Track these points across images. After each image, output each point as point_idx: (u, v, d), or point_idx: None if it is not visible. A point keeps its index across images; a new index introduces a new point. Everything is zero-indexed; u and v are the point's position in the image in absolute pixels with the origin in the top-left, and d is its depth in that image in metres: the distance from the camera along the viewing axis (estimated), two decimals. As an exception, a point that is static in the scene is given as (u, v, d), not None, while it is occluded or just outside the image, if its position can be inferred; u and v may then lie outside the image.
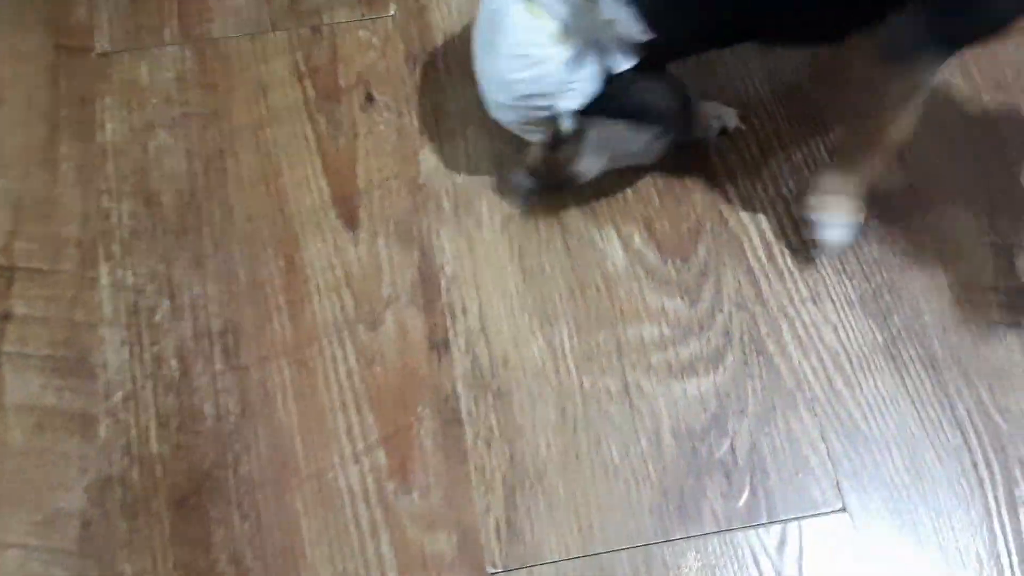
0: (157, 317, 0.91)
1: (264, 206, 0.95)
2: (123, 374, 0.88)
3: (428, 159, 0.97)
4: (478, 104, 0.93)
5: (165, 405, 0.87)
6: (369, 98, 1.00)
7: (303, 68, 1.01)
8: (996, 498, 0.84)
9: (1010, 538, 0.83)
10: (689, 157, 0.97)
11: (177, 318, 0.91)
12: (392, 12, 1.05)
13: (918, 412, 0.88)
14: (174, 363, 0.89)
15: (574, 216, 0.95)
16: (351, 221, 0.94)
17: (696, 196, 0.97)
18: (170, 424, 0.87)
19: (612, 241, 0.94)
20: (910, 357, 0.90)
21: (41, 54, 1.01)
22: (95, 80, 1.00)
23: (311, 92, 1.00)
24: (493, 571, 0.81)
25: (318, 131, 0.98)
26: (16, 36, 1.02)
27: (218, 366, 0.88)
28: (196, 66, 1.01)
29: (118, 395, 0.88)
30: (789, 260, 0.94)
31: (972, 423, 0.87)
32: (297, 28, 1.04)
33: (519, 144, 0.92)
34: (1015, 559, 0.82)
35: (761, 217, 0.96)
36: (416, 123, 0.99)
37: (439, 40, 1.04)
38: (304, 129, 0.99)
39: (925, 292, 0.93)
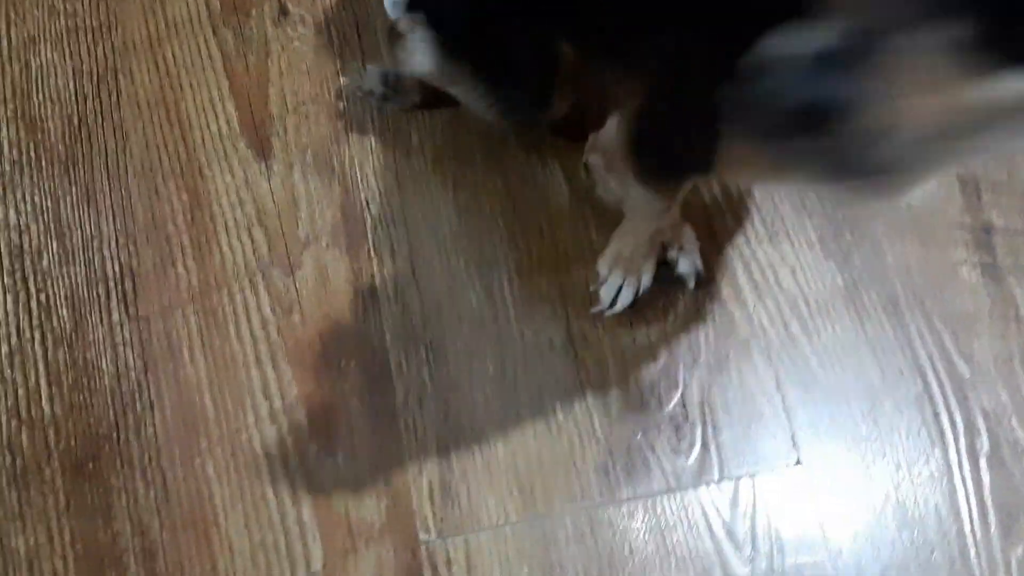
0: (44, 261, 0.81)
1: (163, 134, 0.84)
2: (7, 327, 0.79)
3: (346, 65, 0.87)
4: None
5: (56, 360, 0.78)
6: (283, 10, 0.89)
7: (205, -28, 0.90)
8: (957, 450, 0.80)
9: (971, 491, 0.79)
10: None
11: (67, 262, 0.81)
12: (308, -90, 0.93)
13: (878, 359, 0.83)
14: (65, 312, 0.79)
15: (515, 148, 0.86)
16: (263, 151, 0.84)
17: (646, 124, 0.89)
18: (63, 382, 0.78)
19: (556, 176, 0.86)
20: (871, 300, 0.85)
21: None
22: (-36, -14, 0.87)
23: (215, 2, 0.89)
24: (426, 538, 0.75)
25: (224, 48, 0.88)
26: None
27: (115, 316, 0.79)
28: (84, -29, 0.89)
29: (2, 349, 0.78)
30: (745, 196, 0.87)
31: (934, 370, 0.82)
32: (200, -76, 0.91)
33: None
34: (975, 513, 0.78)
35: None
36: (336, 39, 0.89)
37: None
38: (208, 45, 0.88)
39: (888, 231, 0.87)
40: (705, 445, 0.79)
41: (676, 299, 0.83)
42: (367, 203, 0.83)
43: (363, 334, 0.80)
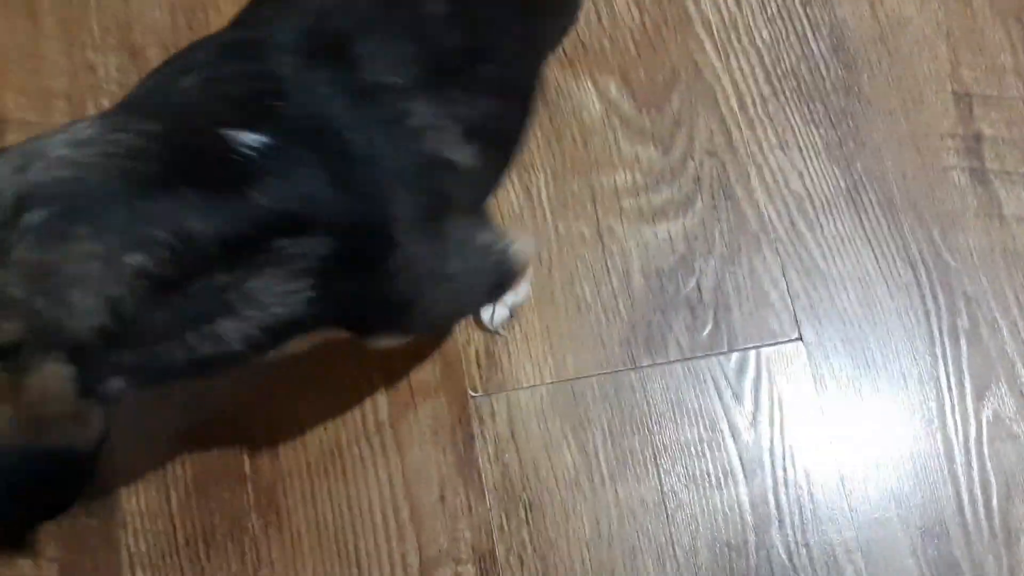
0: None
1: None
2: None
3: None
4: None
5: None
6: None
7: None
8: (940, 328, 0.91)
9: (950, 363, 0.90)
10: (665, 7, 1.00)
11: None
12: None
13: (874, 251, 0.93)
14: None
15: (552, 67, 0.98)
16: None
17: (672, 46, 1.00)
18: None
19: (588, 91, 0.98)
20: (870, 201, 0.95)
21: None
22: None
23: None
24: (474, 395, 0.88)
25: None
26: None
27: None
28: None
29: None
30: (760, 109, 0.98)
31: (923, 261, 0.93)
32: None
33: None
34: (952, 380, 0.89)
35: (735, 67, 0.99)
36: None
37: None
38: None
39: (887, 140, 0.97)
40: (716, 323, 0.91)
41: (695, 199, 0.95)
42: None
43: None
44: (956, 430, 0.88)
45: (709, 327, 0.91)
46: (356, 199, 0.57)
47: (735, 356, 0.90)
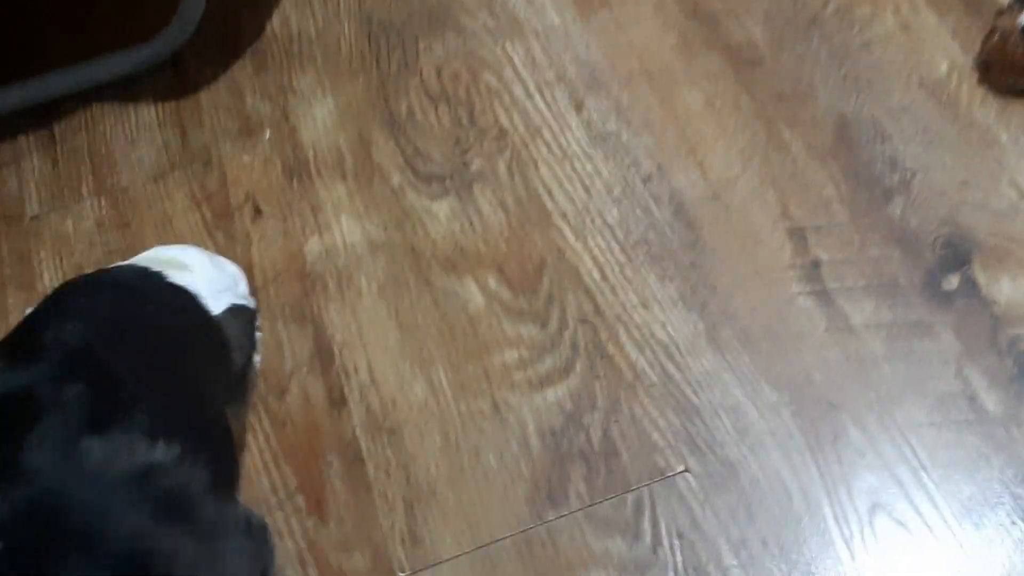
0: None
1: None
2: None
3: (312, 250, 1.17)
4: (347, 197, 1.14)
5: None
6: (257, 211, 1.20)
7: (199, 196, 1.22)
8: (814, 439, 1.00)
9: (831, 469, 0.99)
10: (526, 207, 1.16)
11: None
12: (268, 135, 1.25)
13: (739, 380, 1.05)
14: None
15: (437, 273, 1.14)
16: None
17: (536, 237, 1.15)
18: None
19: (471, 288, 1.13)
20: (728, 336, 1.07)
21: (-16, 226, 1.22)
22: (30, 239, 1.20)
23: (208, 215, 1.20)
24: (402, 574, 0.98)
25: (218, 245, 1.18)
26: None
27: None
28: (112, 212, 1.21)
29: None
30: (619, 275, 1.12)
31: (787, 381, 1.04)
32: (191, 165, 1.24)
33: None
34: (839, 487, 0.98)
35: (592, 245, 1.14)
36: (298, 223, 1.19)
37: (310, 151, 1.24)
38: (206, 245, 1.18)
39: (734, 281, 1.11)
40: (609, 469, 1.01)
41: (575, 363, 1.07)
42: (333, 336, 1.11)
43: (339, 432, 1.05)
44: (847, 532, 0.95)
45: (603, 474, 1.01)
46: None
47: (630, 496, 1.00)
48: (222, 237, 1.18)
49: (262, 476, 1.04)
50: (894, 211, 1.13)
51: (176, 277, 0.84)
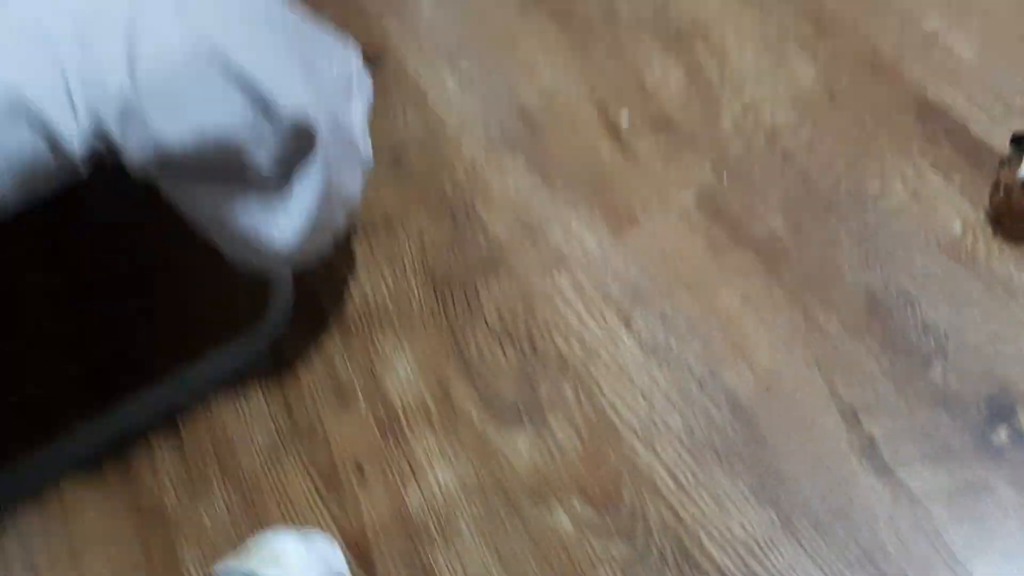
0: None
1: None
2: None
3: (413, 501, 1.30)
4: (436, 445, 1.28)
5: None
6: (361, 472, 1.34)
7: (310, 468, 1.36)
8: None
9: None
10: (596, 426, 1.28)
11: None
12: (361, 401, 1.41)
13: (818, 566, 1.12)
14: None
15: (526, 505, 1.25)
16: (368, 566, 1.25)
17: (609, 452, 1.26)
18: None
19: (559, 514, 1.23)
20: (803, 525, 1.15)
21: (131, 530, 1.39)
22: (170, 528, 1.36)
23: (319, 483, 1.34)
24: None
25: (332, 512, 1.31)
26: (110, 526, 1.41)
27: None
28: (237, 494, 1.37)
29: None
30: (692, 481, 1.22)
31: (862, 560, 1.10)
32: (299, 441, 1.39)
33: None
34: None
35: (662, 454, 1.24)
36: (397, 477, 1.32)
37: (398, 406, 1.38)
38: (321, 513, 1.32)
39: (799, 469, 1.19)
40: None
41: (665, 573, 1.16)
42: (440, 570, 1.23)
43: None
44: None
45: None
46: None
47: None
48: (335, 505, 1.32)
49: None
50: (935, 375, 1.20)
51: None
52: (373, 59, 1.57)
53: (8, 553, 1.41)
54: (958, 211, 1.33)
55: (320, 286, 1.54)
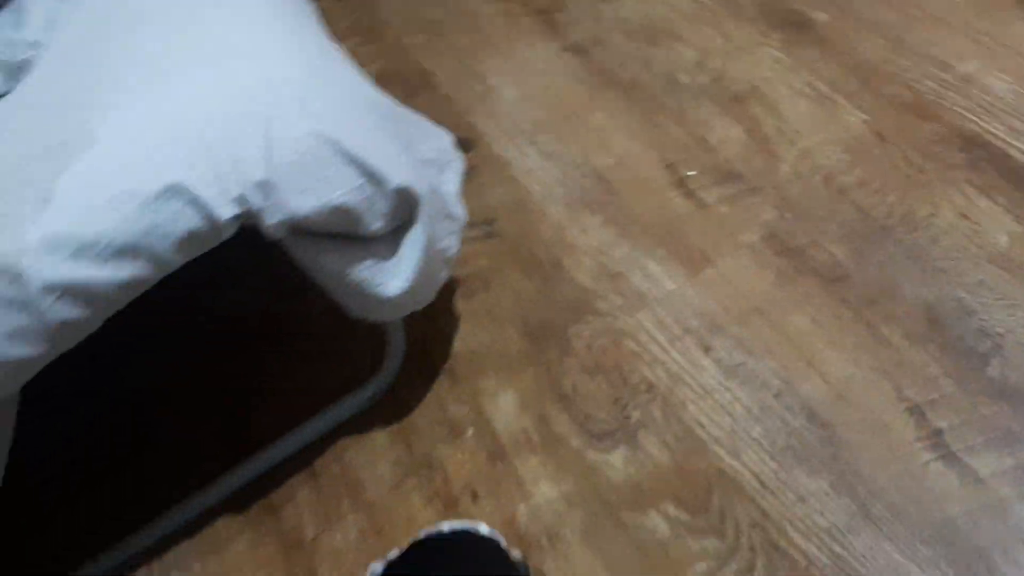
0: None
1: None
2: None
3: (522, 517, 1.44)
4: (540, 466, 1.43)
5: None
6: (475, 496, 1.50)
7: (430, 494, 1.53)
8: (971, 584, 1.15)
9: None
10: (685, 441, 1.42)
11: None
12: (470, 433, 1.58)
13: (897, 546, 1.22)
14: None
15: (625, 513, 1.38)
16: None
17: (698, 463, 1.39)
18: None
19: (655, 519, 1.36)
20: (879, 511, 1.26)
21: (277, 557, 1.57)
22: (313, 557, 1.53)
23: (440, 507, 1.51)
24: None
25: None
26: (258, 553, 1.59)
27: None
28: (367, 522, 1.54)
29: None
30: (775, 481, 1.34)
31: (939, 540, 1.20)
32: (419, 471, 1.56)
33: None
34: (1003, 622, 1.12)
35: (746, 461, 1.37)
36: (507, 497, 1.48)
37: (504, 437, 1.55)
38: (443, 531, 1.48)
39: (873, 463, 1.30)
40: (808, 648, 1.18)
41: (755, 562, 1.27)
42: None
43: (577, 662, 1.27)
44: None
45: (802, 653, 1.18)
46: None
47: (830, 668, 1.16)
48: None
49: None
50: (993, 372, 1.31)
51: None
52: (463, 145, 1.80)
53: (169, 584, 1.60)
54: (1003, 226, 1.45)
55: (429, 337, 1.73)
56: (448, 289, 1.79)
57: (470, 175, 1.93)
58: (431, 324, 1.76)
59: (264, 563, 1.56)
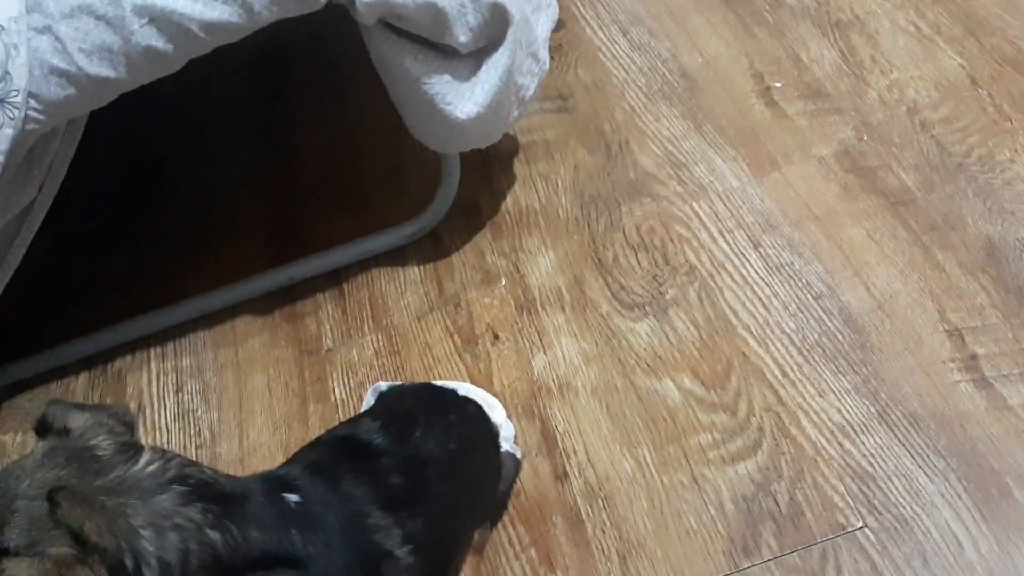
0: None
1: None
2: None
3: (538, 364, 1.44)
4: (565, 324, 1.43)
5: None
6: (495, 337, 1.50)
7: (451, 329, 1.54)
8: (980, 495, 1.13)
9: (994, 523, 1.11)
10: (714, 323, 1.40)
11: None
12: (503, 283, 1.58)
13: (909, 452, 1.19)
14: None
15: (640, 377, 1.38)
16: (494, 411, 1.40)
17: (724, 346, 1.38)
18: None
19: (669, 387, 1.35)
20: (898, 418, 1.23)
21: (291, 358, 1.59)
22: (326, 365, 1.55)
23: (458, 342, 1.51)
24: (618, 613, 1.16)
25: (466, 364, 1.48)
26: (272, 352, 1.60)
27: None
28: (386, 344, 1.55)
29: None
30: (798, 373, 1.32)
31: (952, 452, 1.18)
32: (445, 307, 1.57)
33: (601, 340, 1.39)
34: (1008, 539, 1.09)
35: (773, 350, 1.35)
36: (527, 344, 1.47)
37: (535, 292, 1.54)
38: (457, 365, 1.48)
39: (901, 373, 1.28)
40: (796, 526, 1.17)
41: (761, 442, 1.26)
42: (555, 426, 1.35)
43: (562, 500, 1.27)
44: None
45: (790, 531, 1.17)
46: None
47: (815, 549, 1.15)
48: (469, 358, 1.49)
49: (501, 534, 1.27)
50: (1044, 311, 1.28)
51: (491, 415, 1.19)
52: (556, 24, 1.79)
53: (181, 363, 1.62)
54: (1085, 181, 1.41)
55: (481, 192, 1.73)
56: (509, 152, 1.79)
57: (554, 53, 1.92)
58: (486, 181, 1.76)
59: (277, 362, 1.59)
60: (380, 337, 1.56)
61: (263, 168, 1.96)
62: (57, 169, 1.37)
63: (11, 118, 1.17)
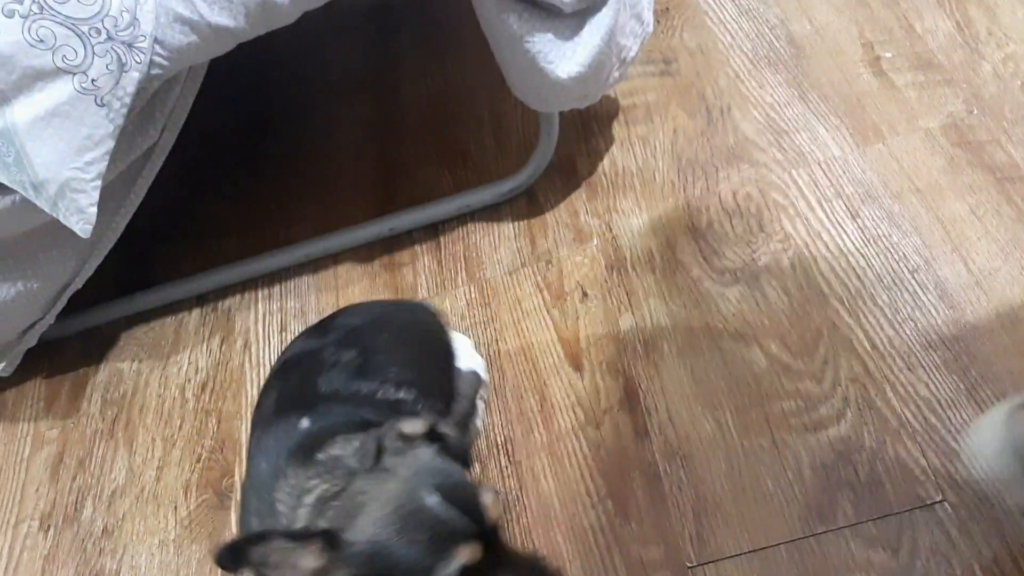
0: (464, 444, 1.41)
1: (521, 367, 1.47)
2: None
3: (625, 323, 1.46)
4: (655, 285, 1.45)
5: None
6: (584, 295, 1.53)
7: (542, 285, 1.57)
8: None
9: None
10: (806, 292, 1.40)
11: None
12: (595, 242, 1.60)
13: (996, 430, 1.18)
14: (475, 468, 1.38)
15: (727, 341, 1.38)
16: (578, 367, 1.43)
17: (814, 315, 1.37)
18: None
19: (756, 352, 1.36)
20: (987, 396, 1.22)
21: (387, 305, 1.65)
22: (419, 313, 1.61)
23: (548, 297, 1.55)
24: (690, 565, 1.18)
25: (554, 319, 1.51)
26: (371, 299, 1.67)
27: (503, 463, 1.37)
28: (478, 295, 1.59)
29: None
30: (888, 346, 1.31)
31: (1041, 431, 1.16)
32: (536, 263, 1.60)
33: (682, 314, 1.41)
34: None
35: (864, 322, 1.34)
36: (615, 303, 1.50)
37: (626, 252, 1.56)
38: (545, 320, 1.52)
39: (995, 351, 1.25)
40: (874, 496, 1.17)
41: (845, 412, 1.25)
42: (639, 384, 1.38)
43: (641, 456, 1.30)
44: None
45: (868, 500, 1.17)
46: None
47: (893, 519, 1.15)
48: (557, 313, 1.52)
49: (579, 484, 1.30)
50: None
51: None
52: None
53: (286, 304, 1.70)
54: None
55: (579, 152, 1.75)
56: (608, 114, 1.80)
57: (661, 16, 1.91)
58: (584, 142, 1.77)
59: (375, 307, 1.64)
60: (472, 289, 1.61)
61: (369, 123, 2.02)
62: (178, 114, 1.44)
63: (138, 62, 1.24)
